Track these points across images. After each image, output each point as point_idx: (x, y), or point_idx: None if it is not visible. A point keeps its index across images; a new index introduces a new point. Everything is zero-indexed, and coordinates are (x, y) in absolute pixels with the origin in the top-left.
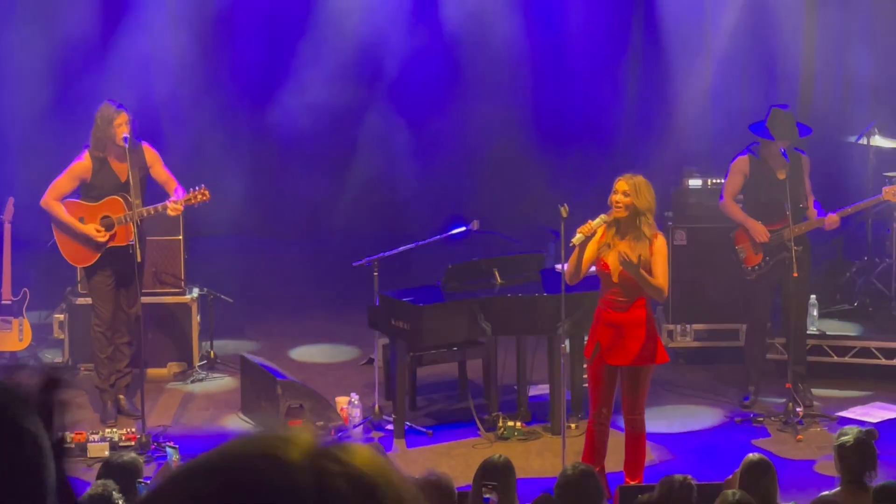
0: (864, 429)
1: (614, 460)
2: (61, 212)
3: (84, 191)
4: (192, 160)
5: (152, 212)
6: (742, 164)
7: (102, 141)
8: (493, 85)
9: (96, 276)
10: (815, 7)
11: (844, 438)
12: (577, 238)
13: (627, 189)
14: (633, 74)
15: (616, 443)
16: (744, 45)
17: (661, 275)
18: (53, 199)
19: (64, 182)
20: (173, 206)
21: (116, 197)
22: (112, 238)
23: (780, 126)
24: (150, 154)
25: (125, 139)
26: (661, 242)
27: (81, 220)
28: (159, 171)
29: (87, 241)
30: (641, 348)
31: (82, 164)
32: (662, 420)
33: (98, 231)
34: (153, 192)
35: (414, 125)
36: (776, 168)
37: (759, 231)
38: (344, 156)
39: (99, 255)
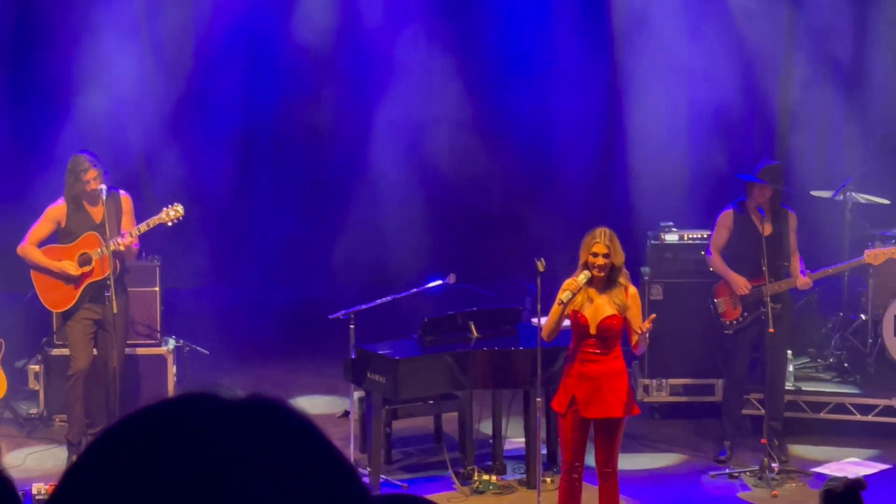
0: (853, 478)
1: None
2: (36, 254)
3: (60, 236)
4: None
5: (127, 241)
6: (727, 218)
7: (74, 192)
8: (468, 137)
9: (75, 322)
10: (791, 57)
11: (833, 485)
12: (566, 295)
13: (606, 251)
14: (610, 127)
15: (589, 497)
16: (722, 98)
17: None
18: (30, 245)
19: (40, 227)
20: (143, 226)
21: (91, 232)
22: (91, 273)
23: (770, 175)
24: (127, 203)
25: (101, 191)
26: (635, 293)
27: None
28: (128, 222)
29: (65, 279)
30: (619, 400)
31: (58, 207)
32: (637, 474)
33: (72, 267)
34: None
35: (390, 177)
36: (760, 224)
37: (740, 284)
38: (320, 208)
39: (79, 293)
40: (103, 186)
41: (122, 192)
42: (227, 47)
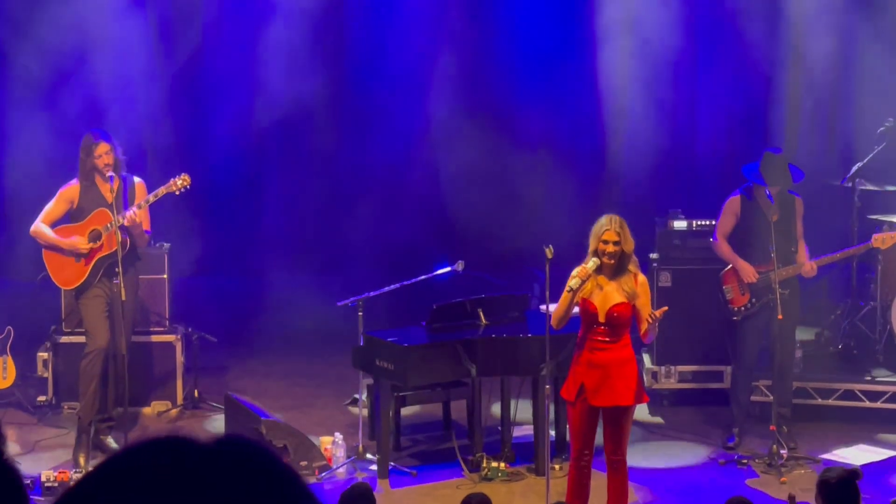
0: (848, 468)
1: (596, 502)
2: (47, 233)
3: (72, 215)
4: (176, 200)
5: (137, 212)
6: (734, 204)
7: (87, 170)
8: (477, 124)
9: (88, 300)
10: (800, 42)
11: (828, 475)
12: (575, 282)
13: (617, 238)
14: (619, 114)
15: (598, 485)
16: (732, 84)
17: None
18: (42, 223)
19: (54, 208)
20: (152, 197)
21: (102, 209)
22: (101, 248)
23: (773, 171)
24: (140, 190)
25: (111, 177)
26: (644, 280)
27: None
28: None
29: (76, 256)
30: (628, 388)
31: (71, 187)
32: (646, 461)
33: (82, 242)
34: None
35: (399, 165)
36: (767, 210)
37: (748, 271)
38: (330, 195)
39: (90, 268)
40: (113, 175)
41: (137, 178)
42: (235, 34)
